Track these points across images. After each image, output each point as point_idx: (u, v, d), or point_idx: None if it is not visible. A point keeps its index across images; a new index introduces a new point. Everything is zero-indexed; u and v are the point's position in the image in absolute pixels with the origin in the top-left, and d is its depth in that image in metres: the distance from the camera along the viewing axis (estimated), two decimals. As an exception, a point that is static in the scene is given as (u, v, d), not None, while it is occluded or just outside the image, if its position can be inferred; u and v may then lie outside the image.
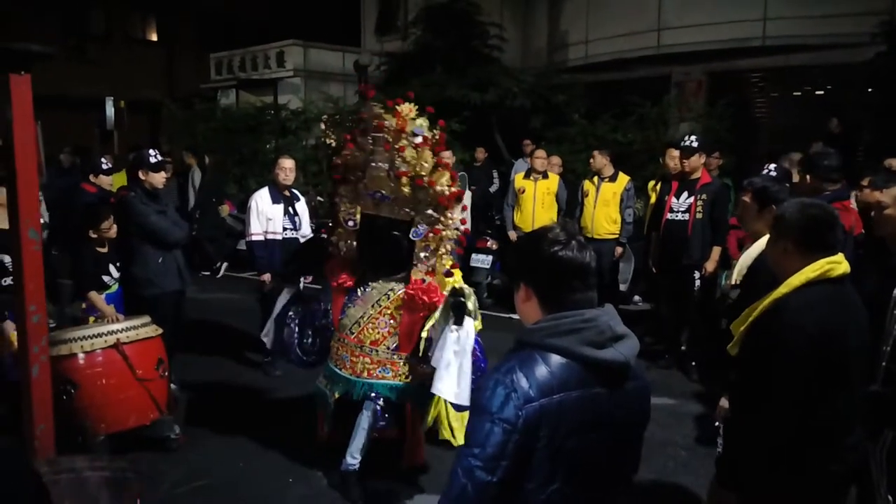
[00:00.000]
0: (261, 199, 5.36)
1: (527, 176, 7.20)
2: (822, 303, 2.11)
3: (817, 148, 6.34)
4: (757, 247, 3.10)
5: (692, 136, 5.56)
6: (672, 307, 5.75)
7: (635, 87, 10.89)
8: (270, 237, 5.32)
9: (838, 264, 2.15)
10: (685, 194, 5.45)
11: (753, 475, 2.17)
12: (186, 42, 21.85)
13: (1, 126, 2.76)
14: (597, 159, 6.51)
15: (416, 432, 3.79)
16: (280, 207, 5.37)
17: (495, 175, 9.87)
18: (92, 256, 4.46)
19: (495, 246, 7.66)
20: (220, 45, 17.74)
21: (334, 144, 3.66)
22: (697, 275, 5.37)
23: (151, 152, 4.73)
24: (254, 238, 5.32)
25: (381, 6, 16.66)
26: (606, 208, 6.45)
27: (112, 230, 4.49)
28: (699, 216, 5.35)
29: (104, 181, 5.98)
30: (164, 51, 22.30)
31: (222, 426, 4.43)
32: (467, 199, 7.83)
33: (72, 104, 16.64)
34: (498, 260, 7.66)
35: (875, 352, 2.48)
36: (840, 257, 2.17)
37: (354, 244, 3.68)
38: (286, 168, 5.40)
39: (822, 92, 11.24)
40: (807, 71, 10.86)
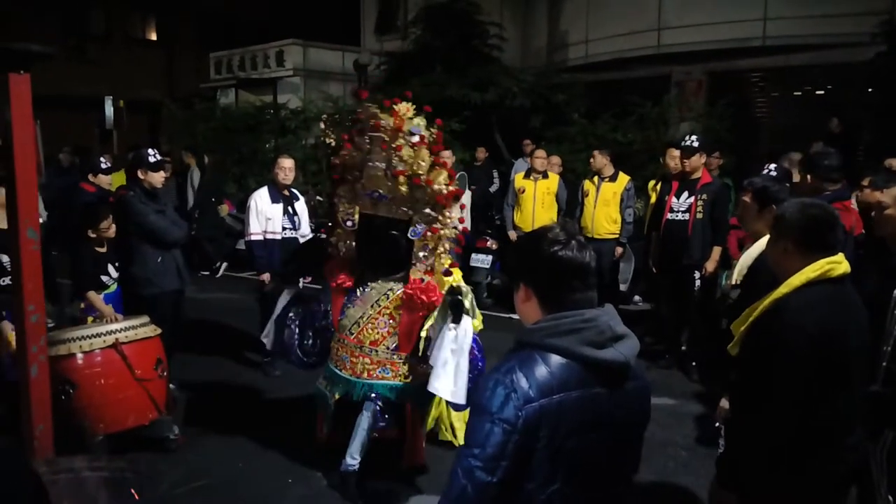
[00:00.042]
0: (260, 199, 5.35)
1: (527, 176, 7.19)
2: (823, 303, 2.10)
3: (818, 148, 6.32)
4: (757, 247, 3.09)
5: (693, 136, 5.55)
6: (672, 307, 5.74)
7: (635, 87, 10.88)
8: (270, 237, 5.31)
9: (838, 264, 2.15)
10: (685, 194, 5.44)
11: (754, 475, 2.16)
12: (186, 42, 21.85)
13: (0, 126, 2.76)
14: (597, 159, 6.50)
15: (417, 433, 3.79)
16: (279, 207, 5.36)
17: (495, 175, 9.86)
18: (90, 256, 4.45)
19: (495, 246, 7.65)
20: (220, 45, 17.72)
21: (334, 144, 3.65)
22: (698, 275, 5.37)
23: (150, 152, 4.72)
24: (253, 238, 5.32)
25: (381, 6, 16.66)
26: (607, 208, 6.44)
27: (111, 230, 4.48)
28: (699, 216, 5.34)
29: (103, 181, 5.97)
30: (164, 50, 22.30)
31: (221, 426, 4.43)
32: (467, 199, 7.82)
33: (71, 104, 16.64)
34: (498, 260, 7.65)
35: (875, 352, 2.48)
36: (840, 257, 2.17)
37: (353, 244, 3.68)
38: (285, 167, 5.39)
39: (823, 92, 11.24)
40: (807, 71, 10.86)
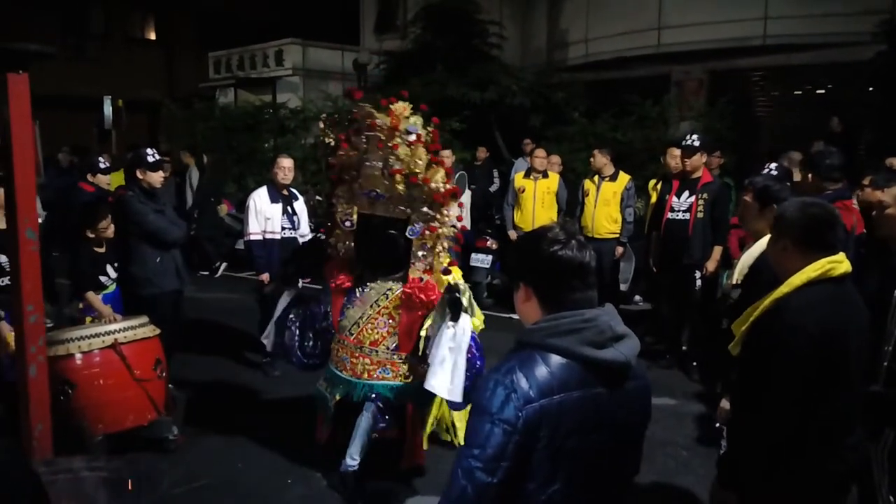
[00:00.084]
0: (259, 199, 5.34)
1: (527, 175, 7.18)
2: (823, 302, 2.10)
3: (818, 147, 6.32)
4: (758, 246, 3.08)
5: (694, 136, 5.53)
6: (673, 307, 5.74)
7: (635, 86, 10.86)
8: (269, 237, 5.30)
9: (839, 264, 2.14)
10: (686, 193, 5.43)
11: (754, 475, 2.16)
12: (185, 41, 21.85)
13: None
14: (597, 158, 6.49)
15: (417, 433, 3.78)
16: (279, 207, 5.35)
17: (496, 175, 9.85)
18: (89, 256, 4.44)
19: (495, 245, 7.64)
20: (220, 45, 17.70)
21: (333, 144, 3.64)
22: (698, 274, 5.36)
23: (149, 151, 4.71)
24: (252, 237, 5.31)
25: (381, 5, 16.65)
26: (607, 207, 6.43)
27: (109, 230, 4.47)
28: (700, 215, 5.33)
29: (102, 180, 5.97)
30: (164, 50, 22.31)
31: (221, 426, 4.42)
32: (467, 199, 7.83)
33: (70, 104, 16.63)
34: (498, 259, 7.64)
35: (876, 351, 2.48)
36: (841, 256, 2.16)
37: (352, 245, 3.67)
38: (285, 167, 5.38)
39: (823, 91, 11.23)
40: (808, 70, 10.85)
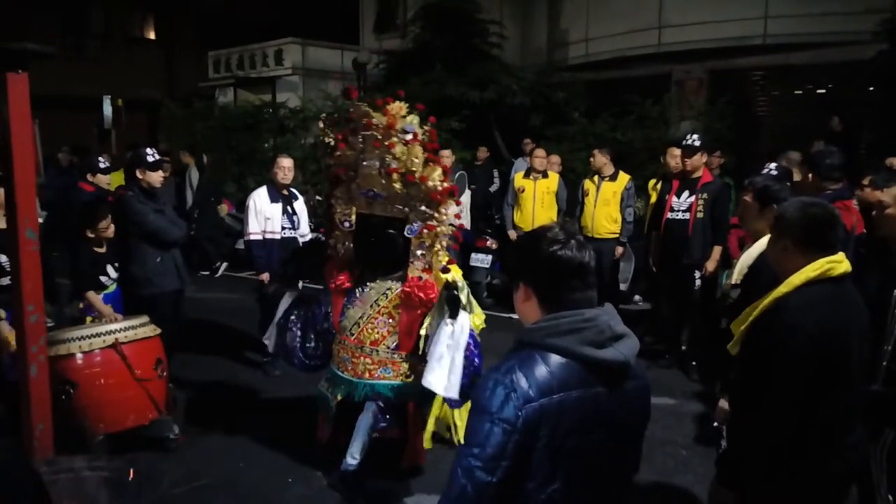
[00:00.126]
0: (259, 199, 5.34)
1: (526, 175, 7.17)
2: (823, 302, 2.10)
3: (819, 147, 6.32)
4: (758, 246, 3.08)
5: (694, 135, 5.53)
6: (672, 307, 5.74)
7: (635, 86, 10.87)
8: (269, 236, 5.30)
9: (839, 263, 2.14)
10: (686, 193, 5.43)
11: (754, 474, 2.16)
12: (185, 41, 21.85)
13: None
14: (597, 158, 6.48)
15: (418, 433, 3.78)
16: (278, 206, 5.35)
17: (496, 175, 9.84)
18: (89, 256, 4.44)
19: (495, 245, 7.64)
20: (219, 44, 17.70)
21: (332, 143, 3.64)
22: (698, 274, 5.36)
23: (149, 151, 4.71)
24: (252, 237, 5.31)
25: (380, 4, 16.65)
26: (607, 207, 6.43)
27: (109, 230, 4.47)
28: (700, 215, 5.33)
29: (102, 180, 5.97)
30: (163, 50, 22.32)
31: (221, 426, 4.43)
32: (467, 199, 7.83)
33: (70, 103, 16.64)
34: (498, 259, 7.64)
35: (876, 351, 2.48)
36: (841, 256, 2.16)
37: (351, 245, 3.67)
38: (285, 167, 5.38)
39: (824, 90, 11.23)
40: (808, 69, 10.85)
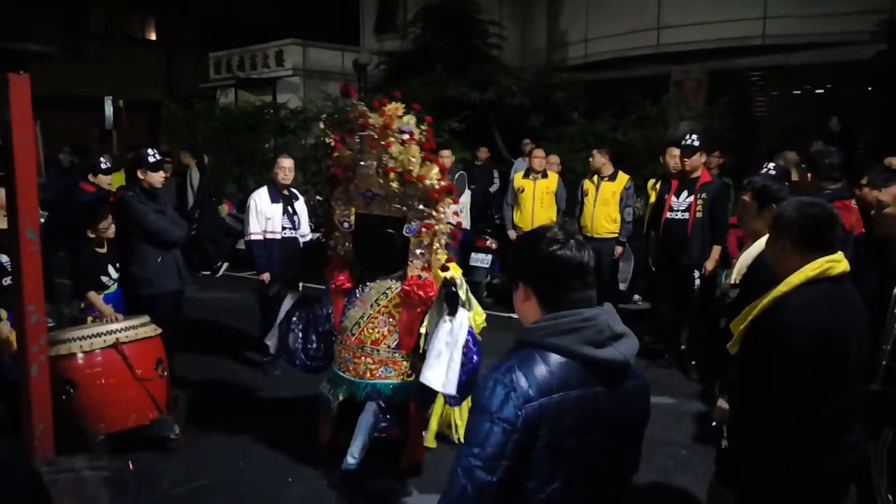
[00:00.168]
0: (259, 199, 5.35)
1: (526, 175, 7.18)
2: (822, 301, 2.10)
3: (818, 147, 6.32)
4: (757, 246, 3.09)
5: (693, 135, 5.54)
6: (672, 306, 5.74)
7: (635, 86, 10.87)
8: (269, 237, 5.31)
9: (837, 263, 2.15)
10: (685, 193, 5.44)
11: (753, 474, 2.16)
12: (186, 42, 21.86)
13: (0, 126, 2.76)
14: (596, 158, 6.49)
15: (419, 433, 3.78)
16: (279, 207, 5.36)
17: (496, 175, 9.85)
18: (90, 256, 4.45)
19: (495, 245, 7.65)
20: (220, 45, 17.71)
21: (332, 145, 3.65)
22: (697, 274, 5.37)
23: (150, 152, 4.72)
24: (252, 237, 5.32)
25: (381, 5, 16.66)
26: (606, 207, 6.43)
27: (110, 230, 4.48)
28: (699, 215, 5.34)
29: (103, 181, 5.98)
30: (164, 50, 22.32)
31: (222, 426, 4.43)
32: (467, 198, 7.83)
33: (71, 104, 16.65)
34: (498, 259, 7.65)
35: (875, 351, 2.48)
36: (839, 256, 2.17)
37: (351, 246, 3.68)
38: (285, 167, 5.39)
39: (823, 90, 11.23)
40: (807, 69, 10.85)
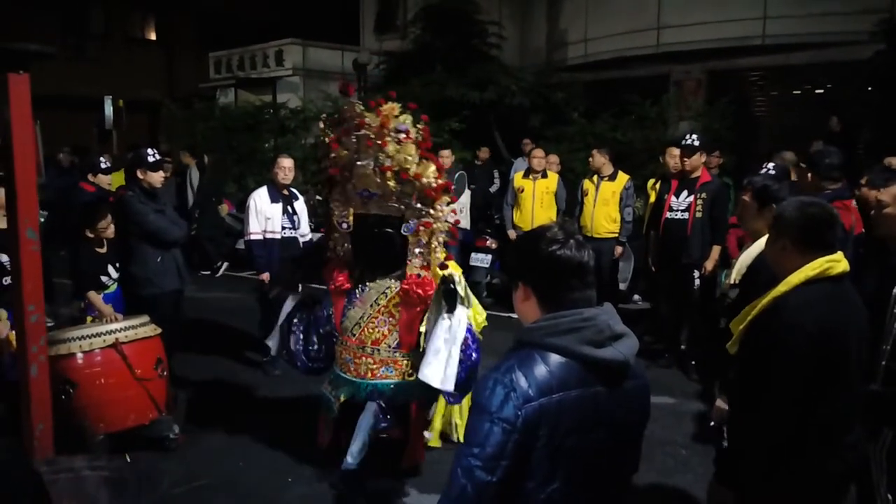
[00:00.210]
0: (259, 199, 5.35)
1: (526, 175, 7.18)
2: (822, 301, 2.10)
3: (818, 146, 6.32)
4: (756, 246, 3.09)
5: (693, 135, 5.54)
6: (671, 306, 5.75)
7: (634, 86, 10.88)
8: (269, 236, 5.31)
9: (837, 263, 2.15)
10: (685, 193, 5.44)
11: (753, 473, 2.16)
12: (186, 41, 21.87)
13: (-1, 126, 2.76)
14: (596, 158, 6.49)
15: (420, 433, 3.78)
16: (279, 206, 5.36)
17: (496, 175, 9.85)
18: (90, 256, 4.44)
19: (495, 245, 7.65)
20: (220, 45, 17.72)
21: (329, 144, 3.66)
22: (697, 274, 5.37)
23: (150, 151, 4.72)
24: (252, 237, 5.32)
25: (380, 5, 16.66)
26: (606, 207, 6.43)
27: (109, 230, 4.48)
28: (699, 215, 5.34)
29: (103, 180, 5.98)
30: (164, 50, 22.33)
31: (221, 426, 4.43)
32: (466, 198, 7.83)
33: (71, 104, 16.65)
34: (497, 259, 7.65)
35: (875, 350, 2.48)
36: (839, 256, 2.17)
37: (350, 246, 3.68)
38: (285, 167, 5.39)
39: (822, 90, 11.24)
40: (807, 69, 10.86)
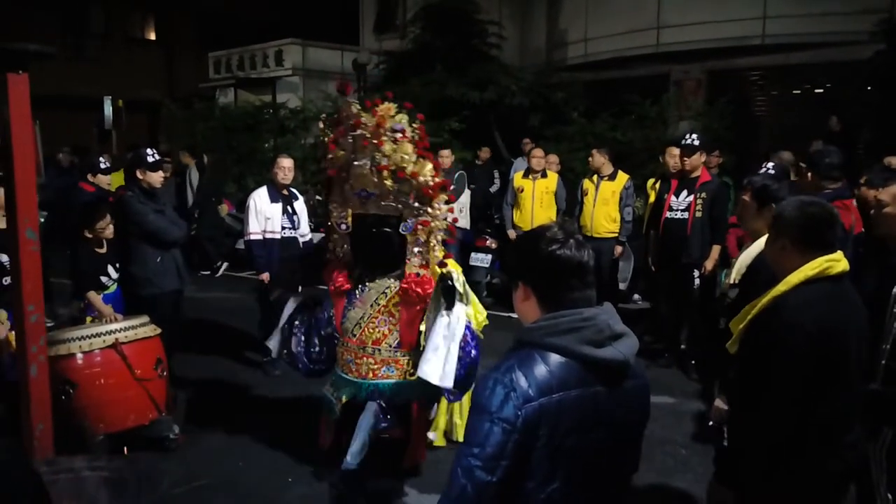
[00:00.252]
0: (259, 199, 5.35)
1: (525, 175, 7.18)
2: (821, 301, 2.10)
3: (818, 146, 6.32)
4: (756, 246, 3.09)
5: (693, 135, 5.54)
6: (671, 306, 5.75)
7: (634, 86, 10.88)
8: (269, 236, 5.31)
9: (837, 262, 2.15)
10: (684, 193, 5.44)
11: (752, 473, 2.16)
12: (185, 41, 21.87)
13: (-2, 126, 2.76)
14: (595, 158, 6.49)
15: (421, 433, 3.78)
16: (278, 206, 5.36)
17: (496, 175, 9.84)
18: (89, 256, 4.44)
19: (495, 245, 7.65)
20: (219, 45, 17.72)
21: (327, 144, 3.66)
22: (697, 273, 5.37)
23: (149, 151, 4.72)
24: (252, 237, 5.32)
25: (380, 5, 16.66)
26: (606, 207, 6.43)
27: (108, 230, 4.47)
28: (698, 215, 5.34)
29: (102, 180, 5.98)
30: (163, 50, 22.33)
31: (221, 426, 4.43)
32: (466, 198, 7.83)
33: (70, 104, 16.64)
34: (497, 259, 7.65)
35: (875, 350, 2.48)
36: (839, 255, 2.17)
37: (349, 247, 3.69)
38: (285, 167, 5.39)
39: (822, 90, 11.25)
40: (806, 69, 10.86)
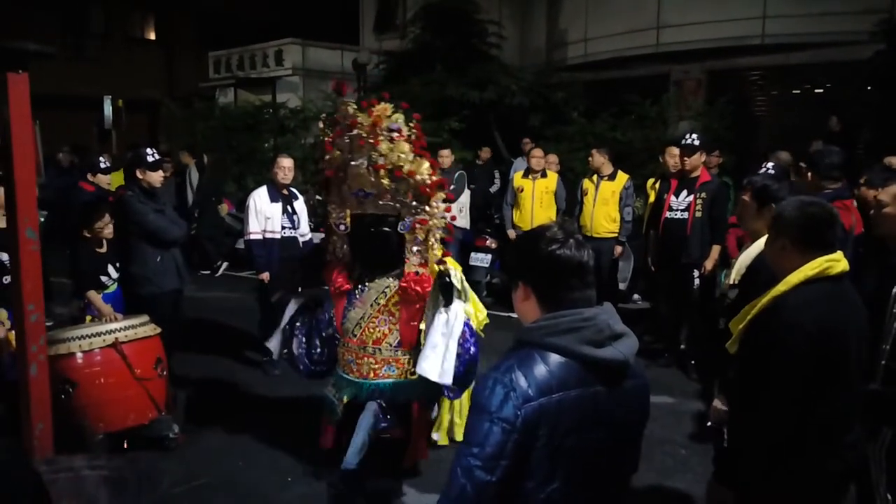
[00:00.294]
0: (259, 198, 5.35)
1: (525, 175, 7.18)
2: (821, 301, 2.10)
3: (818, 146, 6.31)
4: (756, 246, 3.09)
5: (693, 135, 5.54)
6: (671, 306, 5.75)
7: (634, 86, 10.88)
8: (269, 236, 5.31)
9: (837, 262, 2.15)
10: (684, 193, 5.44)
11: (752, 473, 2.16)
12: (185, 41, 21.87)
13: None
14: (595, 158, 6.49)
15: (422, 433, 3.78)
16: (278, 206, 5.36)
17: (496, 175, 9.84)
18: (89, 256, 4.44)
19: (495, 245, 7.65)
20: (219, 44, 17.73)
21: (324, 144, 3.66)
22: (696, 273, 5.37)
23: (149, 151, 4.72)
24: (252, 237, 5.32)
25: (380, 5, 16.66)
26: (606, 207, 6.43)
27: (107, 229, 4.47)
28: (698, 215, 5.34)
29: (102, 180, 5.98)
30: (163, 50, 22.33)
31: (221, 425, 4.43)
32: (466, 198, 7.83)
33: (70, 103, 16.64)
34: (497, 259, 7.66)
35: (874, 350, 2.48)
36: (839, 255, 2.17)
37: (348, 248, 3.69)
38: (285, 167, 5.39)
39: (822, 90, 11.24)
40: (806, 69, 10.86)
